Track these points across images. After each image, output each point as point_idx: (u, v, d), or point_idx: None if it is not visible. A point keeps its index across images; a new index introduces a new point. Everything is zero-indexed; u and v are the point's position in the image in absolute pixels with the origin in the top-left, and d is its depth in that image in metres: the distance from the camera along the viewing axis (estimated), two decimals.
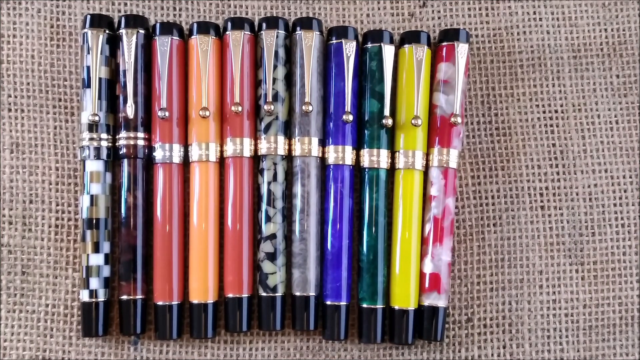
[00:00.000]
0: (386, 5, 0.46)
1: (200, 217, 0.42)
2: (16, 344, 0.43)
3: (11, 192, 0.43)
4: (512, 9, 0.46)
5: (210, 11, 0.46)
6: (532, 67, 0.46)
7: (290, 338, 0.44)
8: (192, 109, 0.42)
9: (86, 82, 0.42)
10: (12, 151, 0.44)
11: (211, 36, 0.42)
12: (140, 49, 0.42)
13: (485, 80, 0.46)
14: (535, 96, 0.46)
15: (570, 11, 0.47)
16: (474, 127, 0.46)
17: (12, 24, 0.45)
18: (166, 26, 0.42)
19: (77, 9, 0.45)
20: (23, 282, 0.43)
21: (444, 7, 0.46)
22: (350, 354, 0.44)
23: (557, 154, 0.45)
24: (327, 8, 0.46)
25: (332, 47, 0.43)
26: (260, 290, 0.42)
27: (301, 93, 0.43)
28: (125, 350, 0.43)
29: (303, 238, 0.42)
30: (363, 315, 0.43)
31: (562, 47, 0.46)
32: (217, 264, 0.43)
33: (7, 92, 0.44)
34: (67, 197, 0.44)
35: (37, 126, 0.44)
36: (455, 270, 0.44)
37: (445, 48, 0.43)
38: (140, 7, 0.45)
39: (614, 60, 0.46)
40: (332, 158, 0.43)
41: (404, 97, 0.43)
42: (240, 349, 0.44)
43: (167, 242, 0.42)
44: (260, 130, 0.43)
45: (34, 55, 0.44)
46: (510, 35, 0.46)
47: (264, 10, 0.46)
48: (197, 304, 0.42)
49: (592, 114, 0.46)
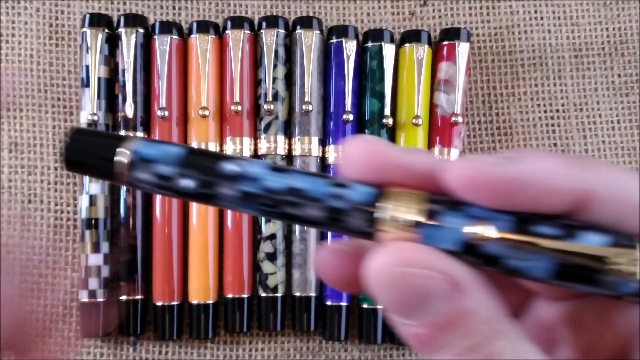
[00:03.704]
0: (387, 5, 0.46)
1: (200, 217, 0.42)
2: None
3: (10, 191, 0.43)
4: (513, 8, 0.46)
5: (210, 10, 0.46)
6: (533, 66, 0.46)
7: (290, 339, 0.44)
8: (192, 108, 0.42)
9: (85, 82, 0.42)
10: (11, 151, 0.44)
11: (211, 35, 0.42)
12: (139, 48, 0.42)
13: (486, 80, 0.46)
14: (536, 95, 0.46)
15: (572, 10, 0.46)
16: (474, 127, 0.45)
17: (10, 23, 0.44)
18: (165, 25, 0.42)
19: (76, 8, 0.45)
20: (22, 282, 0.43)
21: (444, 6, 0.46)
22: (351, 355, 0.44)
23: (558, 153, 0.45)
24: (327, 7, 0.46)
25: (332, 46, 0.43)
26: (260, 290, 0.42)
27: (301, 92, 0.43)
28: (124, 351, 0.43)
29: (303, 238, 0.42)
30: (364, 316, 0.43)
31: (564, 46, 0.46)
32: (216, 264, 0.42)
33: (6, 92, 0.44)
34: (66, 197, 0.43)
35: (36, 125, 0.44)
36: None
37: (446, 47, 0.43)
38: (139, 6, 0.45)
39: (615, 59, 0.46)
40: (332, 158, 0.43)
41: (405, 97, 0.43)
42: (240, 349, 0.43)
43: (166, 242, 0.42)
44: (260, 129, 0.43)
45: (32, 55, 0.44)
46: (512, 35, 0.46)
47: (264, 9, 0.46)
48: (197, 305, 0.42)
49: (594, 113, 0.46)
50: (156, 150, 0.18)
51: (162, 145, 0.18)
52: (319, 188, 0.18)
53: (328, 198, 0.18)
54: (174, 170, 0.18)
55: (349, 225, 0.18)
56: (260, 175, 0.18)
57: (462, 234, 0.17)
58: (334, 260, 0.19)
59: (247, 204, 0.18)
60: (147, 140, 0.18)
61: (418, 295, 0.16)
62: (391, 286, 0.16)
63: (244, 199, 0.18)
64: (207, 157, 0.18)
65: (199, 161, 0.18)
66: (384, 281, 0.16)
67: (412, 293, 0.16)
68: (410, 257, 0.16)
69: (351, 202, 0.17)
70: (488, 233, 0.16)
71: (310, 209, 0.17)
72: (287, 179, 0.18)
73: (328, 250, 0.19)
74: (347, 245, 0.19)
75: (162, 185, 0.18)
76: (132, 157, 0.18)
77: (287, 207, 0.18)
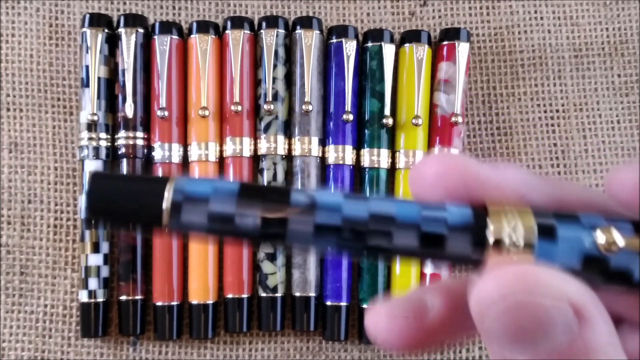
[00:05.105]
0: (386, 5, 0.46)
1: None
2: (14, 344, 0.42)
3: (9, 191, 0.43)
4: (513, 8, 0.46)
5: (210, 10, 0.46)
6: (533, 66, 0.46)
7: (290, 339, 0.44)
8: (192, 108, 0.42)
9: (85, 82, 0.42)
10: (11, 151, 0.43)
11: (211, 35, 0.42)
12: (139, 48, 0.42)
13: (486, 80, 0.46)
14: (536, 96, 0.46)
15: (572, 10, 0.46)
16: (474, 127, 0.45)
17: (10, 23, 0.44)
18: (165, 25, 0.42)
19: (76, 8, 0.45)
20: (21, 282, 0.43)
21: (444, 6, 0.46)
22: (351, 355, 0.44)
23: (558, 153, 0.45)
24: (327, 7, 0.46)
25: (332, 46, 0.43)
26: (260, 290, 0.42)
27: (301, 92, 0.42)
28: (124, 351, 0.43)
29: None
30: (364, 316, 0.42)
31: (564, 46, 0.46)
32: (216, 265, 0.42)
33: (6, 92, 0.44)
34: (66, 197, 0.43)
35: (36, 126, 0.44)
36: (456, 271, 0.44)
37: (446, 47, 0.43)
38: (139, 6, 0.45)
39: (615, 59, 0.46)
40: (332, 158, 0.43)
41: (405, 97, 0.43)
42: (239, 349, 0.43)
43: (166, 243, 0.42)
44: (260, 129, 0.43)
45: (32, 55, 0.44)
46: (512, 35, 0.46)
47: (264, 9, 0.46)
48: (197, 305, 0.42)
49: (594, 113, 0.46)
50: (206, 186, 0.15)
51: (211, 182, 0.16)
52: (408, 212, 0.15)
53: (422, 222, 0.15)
54: (232, 206, 0.15)
55: (449, 252, 0.15)
56: (337, 203, 0.15)
57: (584, 246, 0.15)
58: (392, 324, 0.17)
59: (325, 239, 0.15)
60: (190, 179, 0.16)
61: (539, 326, 0.14)
62: (508, 316, 0.14)
63: (319, 233, 0.15)
64: (266, 191, 0.16)
65: (259, 195, 0.16)
66: (500, 309, 0.14)
67: (532, 323, 0.14)
68: (534, 283, 0.14)
69: (451, 224, 0.15)
70: (617, 239, 0.14)
71: (401, 237, 0.15)
72: (369, 205, 0.15)
73: (383, 312, 0.17)
74: (404, 304, 0.17)
75: (217, 229, 0.15)
76: (178, 198, 0.15)
77: (373, 238, 0.15)
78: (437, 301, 0.17)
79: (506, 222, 0.15)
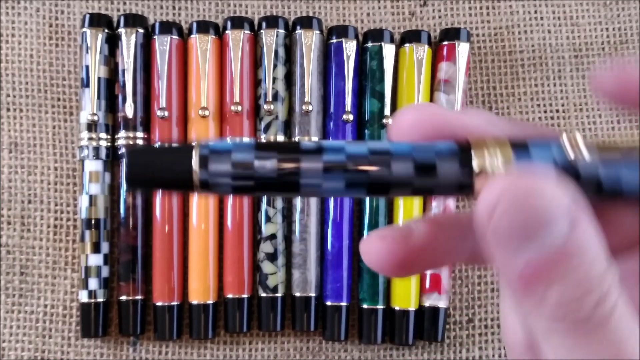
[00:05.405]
0: (386, 5, 0.46)
1: (199, 217, 0.42)
2: (14, 344, 0.42)
3: (9, 192, 0.43)
4: (513, 8, 0.46)
5: (210, 10, 0.46)
6: (533, 66, 0.46)
7: (290, 339, 0.44)
8: (192, 108, 0.42)
9: (85, 82, 0.42)
10: (11, 151, 0.43)
11: (211, 35, 0.42)
12: (139, 48, 0.42)
13: (486, 80, 0.46)
14: (536, 96, 0.46)
15: (572, 10, 0.46)
16: None
17: (10, 23, 0.44)
18: (165, 25, 0.42)
19: (76, 8, 0.45)
20: (21, 282, 0.43)
21: (444, 7, 0.46)
22: (351, 355, 0.44)
23: None
24: (327, 7, 0.46)
25: (332, 46, 0.43)
26: (260, 290, 0.42)
27: (301, 92, 0.42)
28: (124, 351, 0.43)
29: (303, 238, 0.42)
30: (363, 316, 0.43)
31: (564, 46, 0.46)
32: (216, 265, 0.42)
33: (6, 92, 0.44)
34: (66, 197, 0.43)
35: (36, 126, 0.44)
36: (456, 271, 0.44)
37: (446, 47, 0.43)
38: (139, 7, 0.45)
39: (615, 59, 0.46)
40: None
41: (405, 97, 0.43)
42: (239, 349, 0.43)
43: (166, 243, 0.42)
44: (260, 129, 0.43)
45: (32, 55, 0.44)
46: (512, 35, 0.46)
47: (264, 10, 0.46)
48: (197, 305, 0.42)
49: (594, 113, 0.46)
50: (227, 143, 0.18)
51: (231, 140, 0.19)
52: (402, 147, 0.18)
53: (415, 154, 0.17)
54: (251, 154, 0.18)
55: (442, 179, 0.17)
56: (340, 145, 0.18)
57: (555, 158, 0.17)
58: (381, 245, 0.19)
59: (333, 176, 0.18)
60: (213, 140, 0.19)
61: (540, 219, 0.15)
62: (512, 211, 0.15)
63: (329, 170, 0.18)
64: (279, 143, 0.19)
65: (273, 145, 0.19)
66: (504, 207, 0.15)
67: (534, 217, 0.15)
68: (533, 183, 0.15)
69: (441, 153, 0.17)
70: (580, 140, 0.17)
71: (398, 167, 0.17)
72: (368, 145, 0.18)
73: (374, 236, 0.19)
74: (392, 229, 0.20)
75: (240, 175, 0.18)
76: (204, 152, 0.18)
77: (375, 170, 0.17)
78: (422, 227, 0.19)
79: (487, 151, 0.17)
